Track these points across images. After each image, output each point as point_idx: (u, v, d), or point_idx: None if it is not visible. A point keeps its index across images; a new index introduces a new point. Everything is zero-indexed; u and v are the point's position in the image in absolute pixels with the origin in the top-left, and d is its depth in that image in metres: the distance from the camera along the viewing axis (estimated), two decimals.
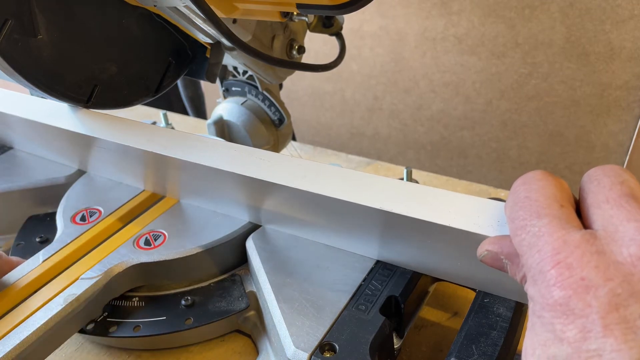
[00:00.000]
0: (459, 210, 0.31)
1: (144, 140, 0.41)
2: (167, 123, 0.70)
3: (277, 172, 0.36)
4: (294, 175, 0.36)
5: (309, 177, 0.35)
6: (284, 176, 0.36)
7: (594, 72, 1.04)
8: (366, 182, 0.34)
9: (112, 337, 0.39)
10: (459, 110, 1.23)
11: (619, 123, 1.07)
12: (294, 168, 0.36)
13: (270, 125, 0.57)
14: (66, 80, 0.40)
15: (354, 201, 0.33)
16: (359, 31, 1.25)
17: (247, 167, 0.37)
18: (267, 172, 0.37)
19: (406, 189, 0.33)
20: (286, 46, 0.50)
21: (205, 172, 0.39)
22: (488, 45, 1.11)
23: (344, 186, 0.34)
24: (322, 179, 0.35)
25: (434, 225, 0.31)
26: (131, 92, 0.45)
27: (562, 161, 1.17)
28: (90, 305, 0.40)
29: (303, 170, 0.36)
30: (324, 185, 0.34)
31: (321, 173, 0.35)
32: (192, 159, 0.39)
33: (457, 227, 0.30)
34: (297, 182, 0.35)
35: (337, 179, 0.35)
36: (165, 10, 0.43)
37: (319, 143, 1.48)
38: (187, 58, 0.48)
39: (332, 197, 0.33)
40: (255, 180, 0.36)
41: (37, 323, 0.36)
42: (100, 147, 0.45)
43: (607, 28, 0.99)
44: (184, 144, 0.40)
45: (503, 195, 0.61)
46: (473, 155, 1.28)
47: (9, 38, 0.36)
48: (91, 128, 0.43)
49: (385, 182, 0.34)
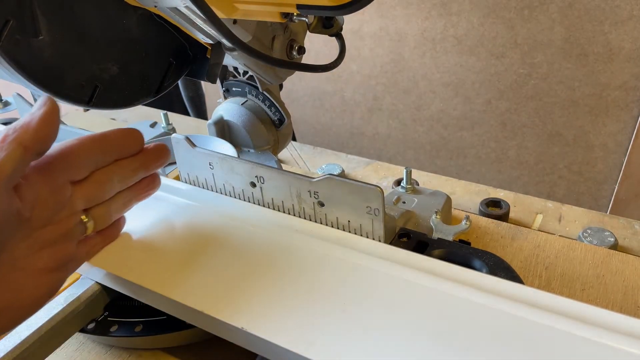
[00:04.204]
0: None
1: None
2: (168, 123, 0.70)
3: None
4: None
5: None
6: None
7: (592, 72, 1.04)
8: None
9: (113, 336, 0.39)
10: (458, 111, 1.23)
11: (618, 123, 1.07)
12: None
13: (270, 125, 0.57)
14: (67, 81, 0.40)
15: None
16: (359, 32, 1.25)
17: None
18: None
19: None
20: (286, 47, 0.50)
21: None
22: (487, 45, 1.12)
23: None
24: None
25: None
26: (132, 92, 0.45)
27: (561, 161, 1.18)
28: (91, 304, 0.40)
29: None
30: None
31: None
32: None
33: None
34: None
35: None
36: (166, 11, 0.43)
37: (319, 143, 1.48)
38: (187, 58, 0.48)
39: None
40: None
41: (37, 323, 0.36)
42: None
43: (606, 29, 0.99)
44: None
45: (502, 195, 0.61)
46: (472, 155, 1.28)
47: (10, 38, 0.36)
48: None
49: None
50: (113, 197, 0.37)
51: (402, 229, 0.42)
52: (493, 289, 0.34)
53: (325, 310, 0.33)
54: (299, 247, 0.39)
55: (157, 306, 0.38)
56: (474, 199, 0.61)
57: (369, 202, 0.38)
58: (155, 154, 0.40)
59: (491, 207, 0.58)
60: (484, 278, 0.35)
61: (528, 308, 0.32)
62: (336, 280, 0.36)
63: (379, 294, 0.34)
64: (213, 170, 0.45)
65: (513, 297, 0.33)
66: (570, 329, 0.30)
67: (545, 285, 0.46)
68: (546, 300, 0.32)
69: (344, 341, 0.31)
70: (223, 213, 0.43)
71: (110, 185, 0.36)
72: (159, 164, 0.40)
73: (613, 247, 0.51)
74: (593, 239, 0.52)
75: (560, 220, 0.57)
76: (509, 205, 0.57)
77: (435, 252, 0.39)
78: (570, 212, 0.58)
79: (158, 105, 0.85)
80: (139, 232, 0.42)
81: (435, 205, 0.50)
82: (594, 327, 0.30)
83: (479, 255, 0.39)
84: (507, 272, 0.37)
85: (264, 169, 0.42)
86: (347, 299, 0.34)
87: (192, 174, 0.47)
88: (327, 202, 0.40)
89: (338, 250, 0.38)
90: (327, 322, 0.32)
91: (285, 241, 0.40)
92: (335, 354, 0.30)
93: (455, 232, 0.42)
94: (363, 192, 0.37)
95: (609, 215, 0.57)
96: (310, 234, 0.40)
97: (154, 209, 0.45)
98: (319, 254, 0.38)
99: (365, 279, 0.36)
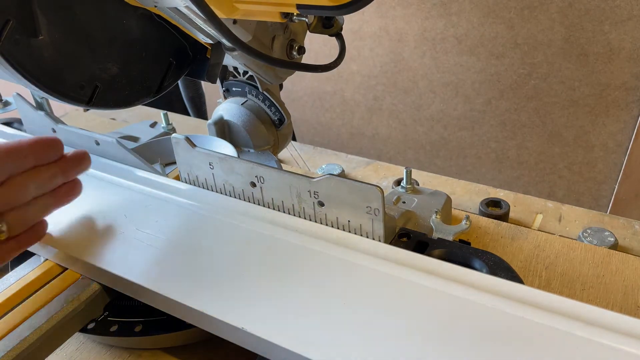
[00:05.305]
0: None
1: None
2: (168, 123, 0.70)
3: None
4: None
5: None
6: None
7: (592, 72, 1.04)
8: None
9: (113, 336, 0.40)
10: (458, 111, 1.23)
11: (618, 123, 1.07)
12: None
13: (270, 125, 0.57)
14: (67, 81, 0.40)
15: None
16: (359, 32, 1.25)
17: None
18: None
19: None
20: (286, 47, 0.50)
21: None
22: (487, 45, 1.12)
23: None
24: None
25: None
26: (132, 92, 0.45)
27: (561, 161, 1.18)
28: (91, 304, 0.40)
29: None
30: None
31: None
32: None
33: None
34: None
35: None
36: (166, 11, 0.43)
37: (319, 143, 1.48)
38: (187, 58, 0.48)
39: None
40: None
41: (37, 323, 0.36)
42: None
43: (606, 28, 0.99)
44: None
45: (502, 195, 0.61)
46: (472, 155, 1.28)
47: (11, 38, 0.36)
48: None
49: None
50: (30, 202, 0.38)
51: (402, 229, 0.42)
52: (493, 289, 0.34)
53: (325, 310, 0.33)
54: (299, 247, 0.39)
55: (157, 306, 0.38)
56: (474, 199, 0.61)
57: (369, 202, 0.38)
58: (75, 161, 0.41)
59: (491, 207, 0.58)
60: (484, 278, 0.35)
61: (528, 308, 0.32)
62: (336, 280, 0.36)
63: (379, 294, 0.34)
64: (213, 170, 0.45)
65: (513, 297, 0.33)
66: (570, 329, 0.30)
67: (545, 285, 0.46)
68: (546, 300, 0.32)
69: (343, 341, 0.31)
70: (223, 213, 0.43)
71: (26, 190, 0.37)
72: (79, 170, 0.41)
73: (613, 247, 0.51)
74: (593, 239, 0.52)
75: (560, 220, 0.57)
76: (509, 205, 0.57)
77: (435, 252, 0.39)
78: (570, 212, 0.58)
79: (158, 105, 0.85)
80: (138, 232, 0.42)
81: (435, 205, 0.50)
82: (594, 327, 0.30)
83: (479, 255, 0.39)
84: (507, 272, 0.37)
85: (264, 169, 0.42)
86: (347, 299, 0.34)
87: (192, 174, 0.47)
88: (327, 202, 0.40)
89: (338, 250, 0.38)
90: (327, 322, 0.32)
91: (285, 241, 0.40)
92: (335, 353, 0.30)
93: (455, 232, 0.42)
94: (363, 192, 0.37)
95: (609, 215, 0.57)
96: (310, 234, 0.40)
97: (154, 209, 0.45)
98: (319, 254, 0.38)
99: (365, 279, 0.36)
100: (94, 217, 0.45)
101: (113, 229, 0.43)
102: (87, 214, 0.45)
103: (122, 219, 0.44)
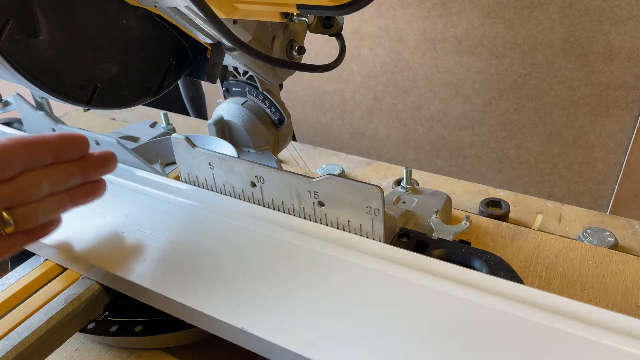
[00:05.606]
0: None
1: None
2: (168, 123, 0.70)
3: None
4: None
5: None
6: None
7: (592, 72, 1.04)
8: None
9: (113, 336, 0.40)
10: (458, 111, 1.23)
11: (618, 123, 1.07)
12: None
13: (270, 125, 0.57)
14: (67, 81, 0.40)
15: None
16: (359, 32, 1.25)
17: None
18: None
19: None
20: (286, 47, 0.50)
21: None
22: (487, 45, 1.12)
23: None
24: None
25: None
26: (132, 92, 0.45)
27: (561, 161, 1.18)
28: (91, 304, 0.40)
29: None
30: None
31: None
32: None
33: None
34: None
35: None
36: (166, 11, 0.43)
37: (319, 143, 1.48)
38: (187, 58, 0.48)
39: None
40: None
41: (37, 323, 0.36)
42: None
43: (606, 28, 0.99)
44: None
45: (502, 195, 0.61)
46: (472, 155, 1.28)
47: (10, 38, 0.36)
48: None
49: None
50: (43, 199, 0.37)
51: (402, 229, 0.42)
52: (493, 289, 0.34)
53: (325, 310, 0.33)
54: (299, 247, 0.39)
55: (157, 306, 0.38)
56: (474, 199, 0.61)
57: (369, 202, 0.38)
58: (99, 161, 0.39)
59: (491, 207, 0.58)
60: (484, 278, 0.35)
61: (528, 308, 0.32)
62: (336, 280, 0.36)
63: (379, 294, 0.34)
64: (213, 170, 0.45)
65: (513, 297, 0.33)
66: (570, 329, 0.30)
67: (545, 285, 0.46)
68: (546, 300, 0.32)
69: (343, 341, 0.31)
70: (223, 213, 0.43)
71: (38, 187, 0.36)
72: (102, 171, 0.40)
73: (613, 247, 0.51)
74: (593, 239, 0.52)
75: (560, 220, 0.57)
76: (509, 205, 0.57)
77: (435, 252, 0.39)
78: (570, 212, 0.58)
79: (158, 105, 0.85)
80: (138, 232, 0.42)
81: (435, 205, 0.50)
82: (594, 327, 0.30)
83: (479, 255, 0.39)
84: (507, 272, 0.37)
85: (264, 169, 0.42)
86: (347, 299, 0.34)
87: (192, 174, 0.47)
88: (327, 202, 0.40)
89: (338, 250, 0.38)
90: (327, 322, 0.32)
91: (285, 241, 0.40)
92: (335, 353, 0.30)
93: (455, 232, 0.42)
94: (363, 192, 0.37)
95: (609, 215, 0.57)
96: (310, 234, 0.40)
97: (154, 209, 0.45)
98: (319, 254, 0.38)
99: (365, 279, 0.36)
100: (94, 217, 0.45)
101: (113, 229, 0.43)
102: (87, 214, 0.45)
103: (122, 219, 0.44)
